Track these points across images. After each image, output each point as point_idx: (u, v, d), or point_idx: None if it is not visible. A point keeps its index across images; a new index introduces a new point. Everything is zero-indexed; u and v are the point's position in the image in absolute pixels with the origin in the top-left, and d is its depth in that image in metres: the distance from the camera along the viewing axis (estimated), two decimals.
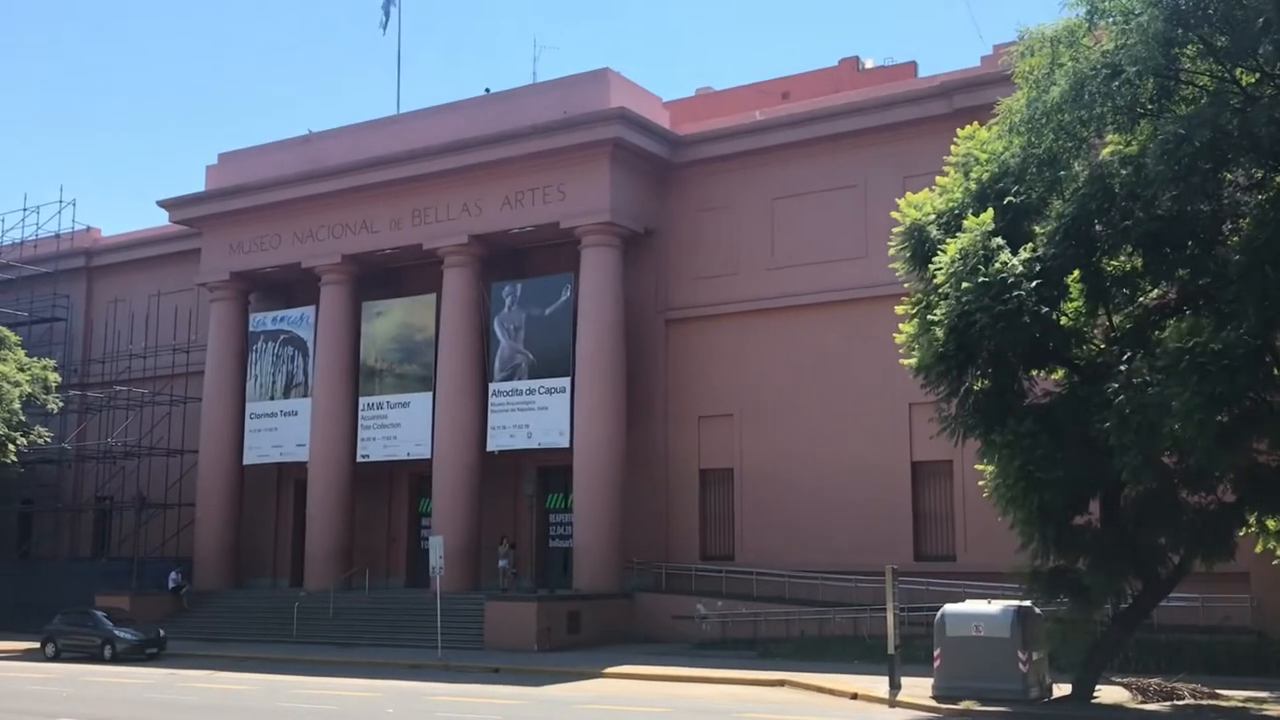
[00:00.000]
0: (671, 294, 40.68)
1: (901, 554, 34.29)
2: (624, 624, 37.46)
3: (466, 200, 41.52)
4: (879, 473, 36.16)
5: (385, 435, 43.39)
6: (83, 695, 26.55)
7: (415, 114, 44.16)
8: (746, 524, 38.44)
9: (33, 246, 54.59)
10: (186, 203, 47.70)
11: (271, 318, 47.04)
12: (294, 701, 25.08)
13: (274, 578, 47.24)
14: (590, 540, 38.11)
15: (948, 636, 23.47)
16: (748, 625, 35.30)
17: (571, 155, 39.45)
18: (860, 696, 24.94)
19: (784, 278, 38.66)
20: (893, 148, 37.08)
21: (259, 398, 46.50)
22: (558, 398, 39.64)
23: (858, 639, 32.53)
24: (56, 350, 52.15)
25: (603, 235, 39.40)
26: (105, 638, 37.28)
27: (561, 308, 40.29)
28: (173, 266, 51.82)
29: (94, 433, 51.52)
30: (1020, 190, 22.39)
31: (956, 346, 21.81)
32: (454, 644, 35.13)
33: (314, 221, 44.81)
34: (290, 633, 39.54)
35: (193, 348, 49.77)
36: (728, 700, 25.00)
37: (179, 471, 48.60)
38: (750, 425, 38.79)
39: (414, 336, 43.54)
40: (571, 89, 40.25)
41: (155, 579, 45.38)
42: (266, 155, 46.43)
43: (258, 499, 47.84)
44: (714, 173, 40.33)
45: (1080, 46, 20.99)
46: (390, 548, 45.35)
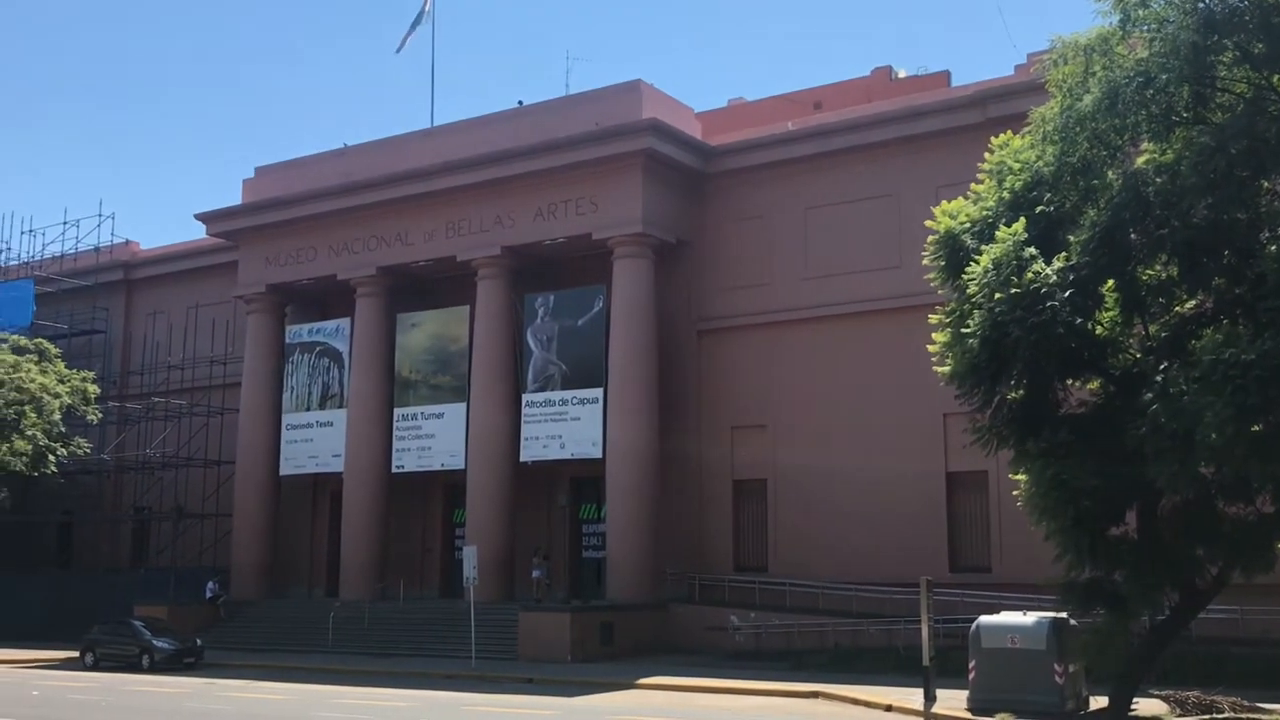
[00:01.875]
0: (704, 304, 40.69)
1: (936, 565, 34.10)
2: (657, 635, 37.44)
3: (499, 212, 41.72)
4: (913, 483, 35.99)
5: (419, 446, 43.60)
6: (121, 705, 26.80)
7: (448, 127, 44.44)
8: (780, 535, 38.35)
9: (73, 260, 55.29)
10: (223, 216, 48.18)
11: (307, 329, 47.40)
12: (330, 711, 25.22)
13: (310, 588, 47.53)
14: (623, 551, 38.13)
15: (983, 648, 23.32)
16: (781, 636, 35.20)
17: (604, 167, 39.58)
18: (895, 708, 24.83)
19: (817, 288, 38.60)
20: (926, 157, 36.98)
21: (295, 409, 46.86)
22: (590, 408, 39.72)
23: (892, 650, 32.37)
24: (96, 362, 52.76)
25: (635, 246, 39.48)
26: (143, 647, 37.61)
27: (594, 319, 40.39)
28: (210, 279, 52.35)
29: (132, 443, 52.04)
30: (1054, 199, 22.25)
31: (990, 357, 21.68)
32: (488, 654, 35.22)
33: (349, 234, 45.16)
34: (326, 642, 39.76)
35: (230, 359, 50.26)
36: (761, 711, 24.93)
37: (216, 482, 49.03)
38: (784, 436, 38.71)
39: (448, 347, 43.76)
40: (604, 101, 40.39)
41: (193, 589, 45.77)
42: (302, 169, 46.86)
43: (294, 510, 48.18)
44: (746, 183, 40.34)
45: (1114, 54, 20.88)
46: (424, 558, 45.55)
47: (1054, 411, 22.65)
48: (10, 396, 42.55)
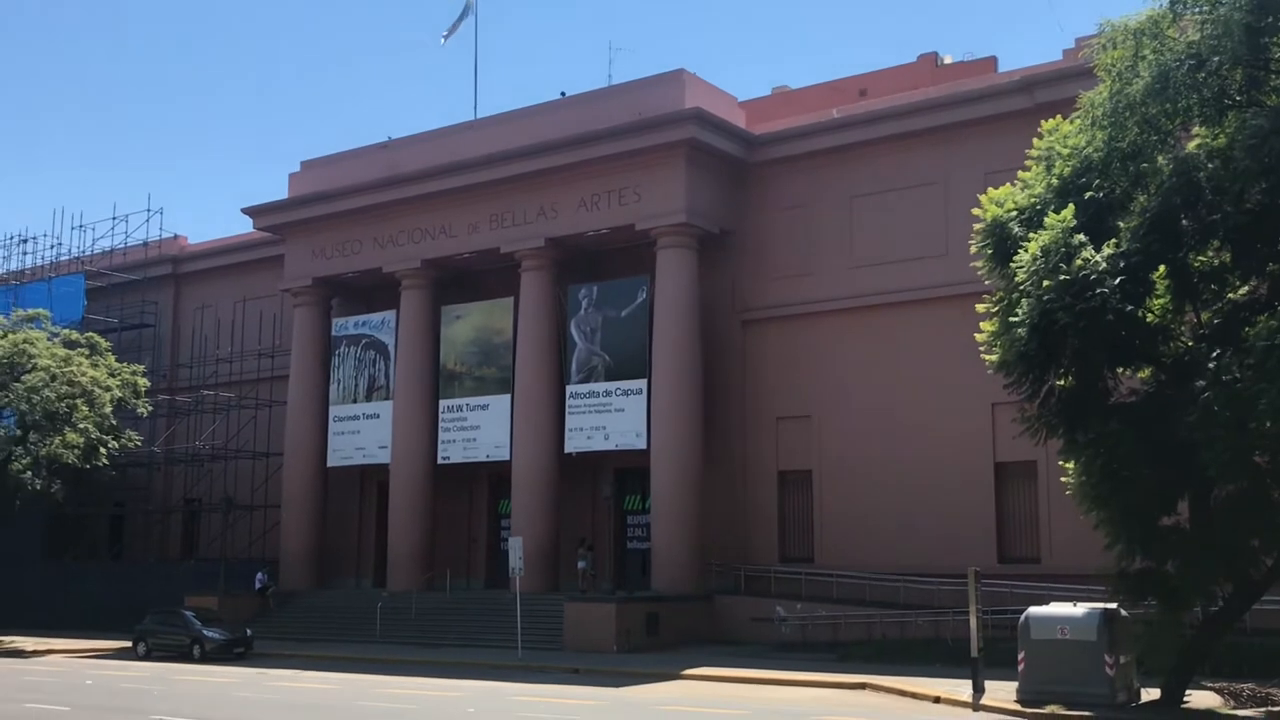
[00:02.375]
0: (748, 295, 40.52)
1: (985, 556, 33.80)
2: (703, 626, 37.39)
3: (543, 204, 41.75)
4: (961, 473, 35.70)
5: (465, 437, 43.78)
6: (173, 694, 27.12)
7: (492, 119, 44.52)
8: (826, 526, 38.17)
9: (122, 255, 55.91)
10: (270, 210, 48.57)
11: (353, 322, 47.71)
12: (377, 701, 25.40)
13: (357, 578, 47.90)
14: (668, 542, 38.09)
15: (1032, 639, 23.08)
16: (827, 628, 35.05)
17: (647, 157, 39.49)
18: (943, 700, 24.64)
19: (863, 277, 38.34)
20: (973, 144, 36.60)
21: (341, 401, 47.20)
22: (634, 399, 39.70)
23: (940, 642, 32.13)
24: (145, 355, 53.34)
25: (678, 236, 39.37)
26: (194, 637, 38.04)
27: (638, 309, 40.34)
28: (257, 273, 52.81)
29: (182, 436, 52.65)
30: (1103, 185, 21.97)
31: (1038, 346, 21.48)
32: (533, 644, 35.33)
33: (394, 227, 45.38)
34: (373, 633, 40.05)
35: (277, 352, 50.69)
36: (808, 703, 24.83)
37: (265, 474, 49.50)
38: (829, 426, 38.50)
39: (492, 339, 43.88)
40: (646, 91, 40.29)
41: (242, 579, 46.24)
42: (347, 162, 47.13)
43: (341, 501, 48.56)
44: (791, 172, 40.11)
45: (1164, 38, 20.57)
46: (470, 549, 45.76)
47: (1104, 400, 22.41)
48: (62, 390, 43.06)
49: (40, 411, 43.15)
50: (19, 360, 43.50)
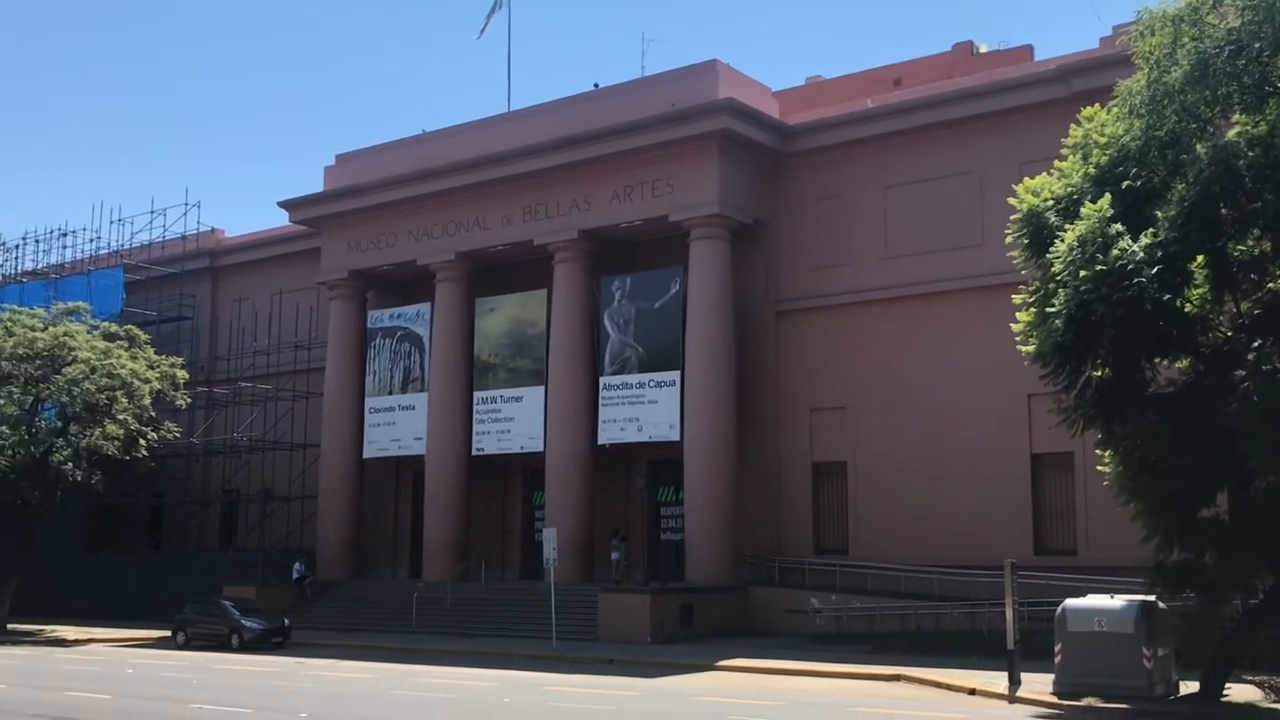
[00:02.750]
0: (782, 285, 40.43)
1: (1021, 548, 33.63)
2: (737, 617, 37.40)
3: (576, 196, 41.80)
4: (997, 465, 35.52)
5: (499, 429, 43.94)
6: (212, 683, 27.40)
7: (525, 111, 44.59)
8: (860, 517, 38.07)
9: (160, 248, 56.39)
10: (306, 203, 48.86)
11: (389, 314, 47.97)
12: (414, 690, 25.56)
13: (393, 569, 48.20)
14: (702, 533, 38.11)
15: (1069, 632, 22.95)
16: (862, 620, 34.97)
17: (680, 148, 39.44)
18: (978, 692, 24.55)
19: (898, 267, 38.18)
20: (1009, 133, 36.36)
21: (377, 393, 47.47)
22: (667, 391, 39.71)
23: (975, 634, 31.99)
24: (184, 348, 53.77)
25: (712, 228, 39.32)
26: (233, 627, 38.38)
27: (671, 301, 40.33)
28: (293, 266, 53.15)
29: (220, 428, 53.09)
30: (1140, 174, 21.78)
31: (1075, 336, 21.35)
32: (568, 635, 35.45)
33: (428, 220, 45.56)
34: (409, 623, 40.29)
35: (313, 344, 51.04)
36: (843, 694, 24.80)
37: (302, 465, 49.87)
38: (864, 418, 38.38)
39: (526, 331, 44.00)
40: (680, 81, 40.24)
41: (280, 570, 46.63)
42: (382, 155, 47.34)
43: (377, 492, 48.87)
44: (825, 162, 39.96)
45: (1204, 24, 20.36)
46: (505, 539, 45.93)
47: (1142, 391, 22.25)
48: (102, 382, 43.49)
49: (81, 403, 43.62)
50: (59, 353, 43.93)
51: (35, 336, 43.99)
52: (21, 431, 44.86)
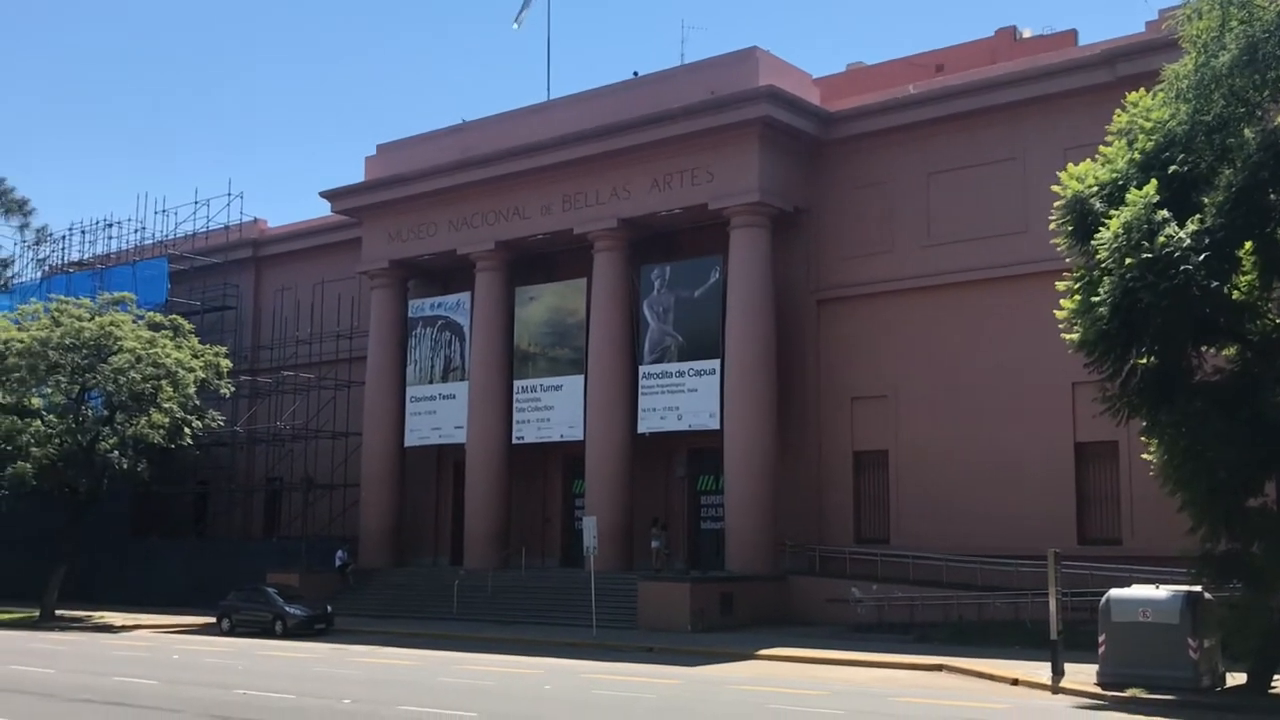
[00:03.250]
0: (823, 273, 40.24)
1: (1064, 537, 33.33)
2: (777, 606, 37.34)
3: (615, 184, 41.76)
4: (1040, 454, 35.23)
5: (539, 417, 44.05)
6: (256, 669, 27.68)
7: (564, 100, 44.59)
8: (902, 506, 37.88)
9: (204, 238, 56.89)
10: (347, 193, 49.12)
11: (429, 304, 48.18)
12: (455, 677, 25.71)
13: (435, 556, 48.48)
14: (742, 522, 38.06)
15: (1113, 622, 22.73)
16: (904, 609, 34.82)
17: (719, 136, 39.31)
18: (1021, 682, 24.39)
19: (940, 255, 37.90)
20: (1053, 119, 35.99)
21: (418, 381, 47.72)
22: (707, 379, 39.65)
23: (1018, 624, 31.79)
24: (227, 337, 54.28)
25: (752, 215, 39.18)
26: (276, 613, 38.73)
27: (710, 289, 40.25)
28: (335, 255, 53.47)
29: (264, 416, 53.56)
30: (1187, 159, 21.49)
31: (1120, 324, 21.13)
32: (608, 623, 35.52)
33: (468, 209, 45.69)
34: (450, 610, 40.52)
35: (355, 334, 51.37)
36: (884, 684, 24.71)
37: (344, 453, 50.23)
38: (906, 406, 38.17)
39: (565, 320, 44.06)
40: (719, 69, 40.09)
41: (322, 557, 47.00)
42: (422, 145, 47.51)
43: (419, 480, 49.15)
44: (866, 149, 39.71)
45: (1253, 7, 20.05)
46: (545, 528, 46.08)
47: (1188, 379, 22.02)
48: (147, 371, 43.96)
49: (126, 392, 44.12)
50: (106, 342, 44.45)
51: (82, 326, 44.53)
52: (69, 420, 45.47)
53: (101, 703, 21.02)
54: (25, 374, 44.59)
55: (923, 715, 19.87)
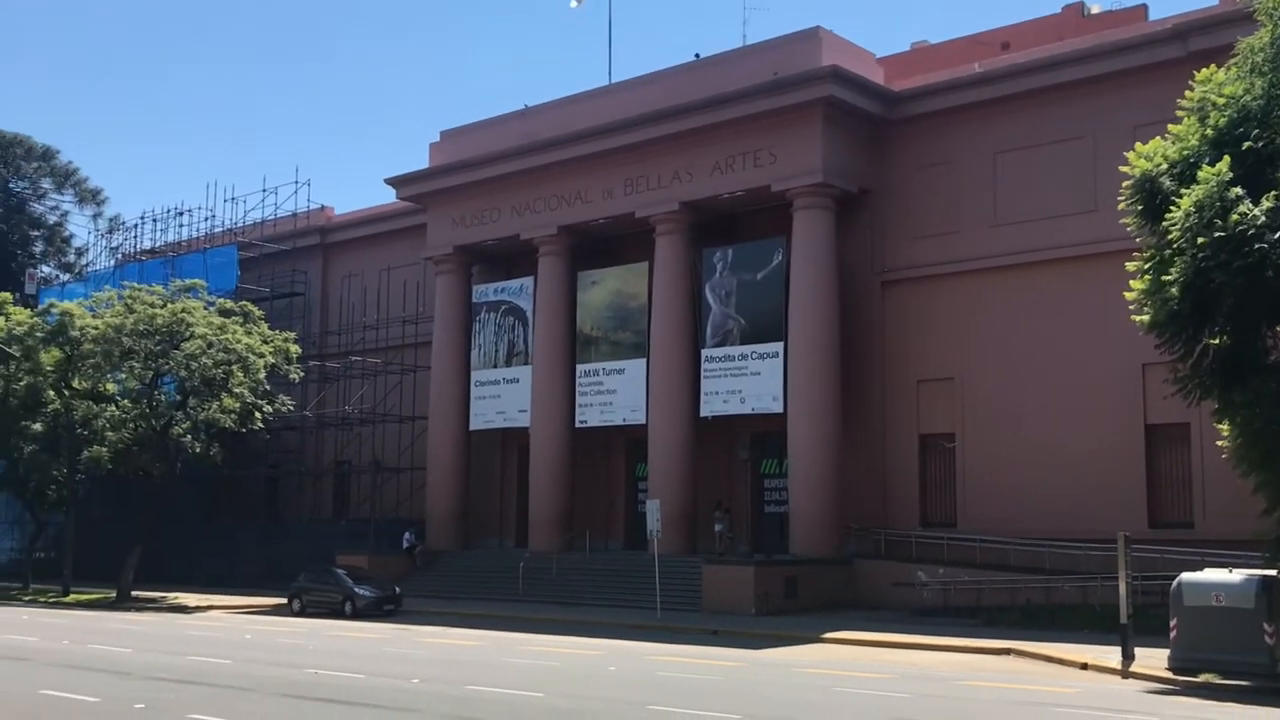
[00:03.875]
0: (888, 255, 39.90)
1: (1134, 520, 32.90)
2: (842, 590, 37.21)
3: (677, 167, 41.69)
4: (1110, 436, 34.74)
5: (602, 401, 44.19)
6: (327, 649, 28.10)
7: (626, 83, 44.55)
8: (969, 490, 37.53)
9: (272, 226, 57.61)
10: (412, 180, 49.50)
11: (493, 289, 48.46)
12: (521, 657, 25.93)
13: (500, 539, 48.87)
14: (806, 506, 37.94)
15: (1185, 606, 22.37)
16: (971, 593, 34.53)
17: (782, 117, 39.08)
18: (1091, 667, 24.13)
19: (1007, 235, 37.43)
20: (1123, 96, 35.34)
21: (482, 366, 48.05)
22: (770, 363, 39.52)
23: (1087, 608, 31.43)
24: (296, 323, 54.96)
25: (815, 197, 38.93)
26: (346, 595, 39.24)
27: (773, 272, 40.08)
28: (400, 241, 53.95)
29: (332, 400, 54.23)
30: (1262, 135, 21.02)
31: (1192, 304, 20.79)
32: (672, 606, 35.60)
33: (531, 194, 45.86)
34: (516, 592, 40.85)
35: (420, 319, 51.84)
36: (951, 668, 24.56)
37: (410, 437, 50.75)
38: (972, 389, 37.80)
39: (627, 304, 44.12)
40: (782, 50, 39.84)
41: (390, 539, 47.57)
42: (485, 131, 47.72)
43: (484, 463, 49.53)
44: (932, 129, 39.28)
45: None
46: (608, 511, 46.25)
47: (1262, 359, 21.62)
48: (219, 357, 44.65)
49: (199, 378, 44.86)
50: (178, 329, 45.18)
51: (155, 313, 45.29)
52: (143, 405, 46.35)
53: (177, 681, 21.47)
54: (100, 360, 45.53)
55: (990, 699, 19.73)
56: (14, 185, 79.84)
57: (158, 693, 19.80)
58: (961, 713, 18.10)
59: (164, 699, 19.02)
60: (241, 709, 17.79)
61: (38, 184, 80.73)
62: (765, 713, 17.68)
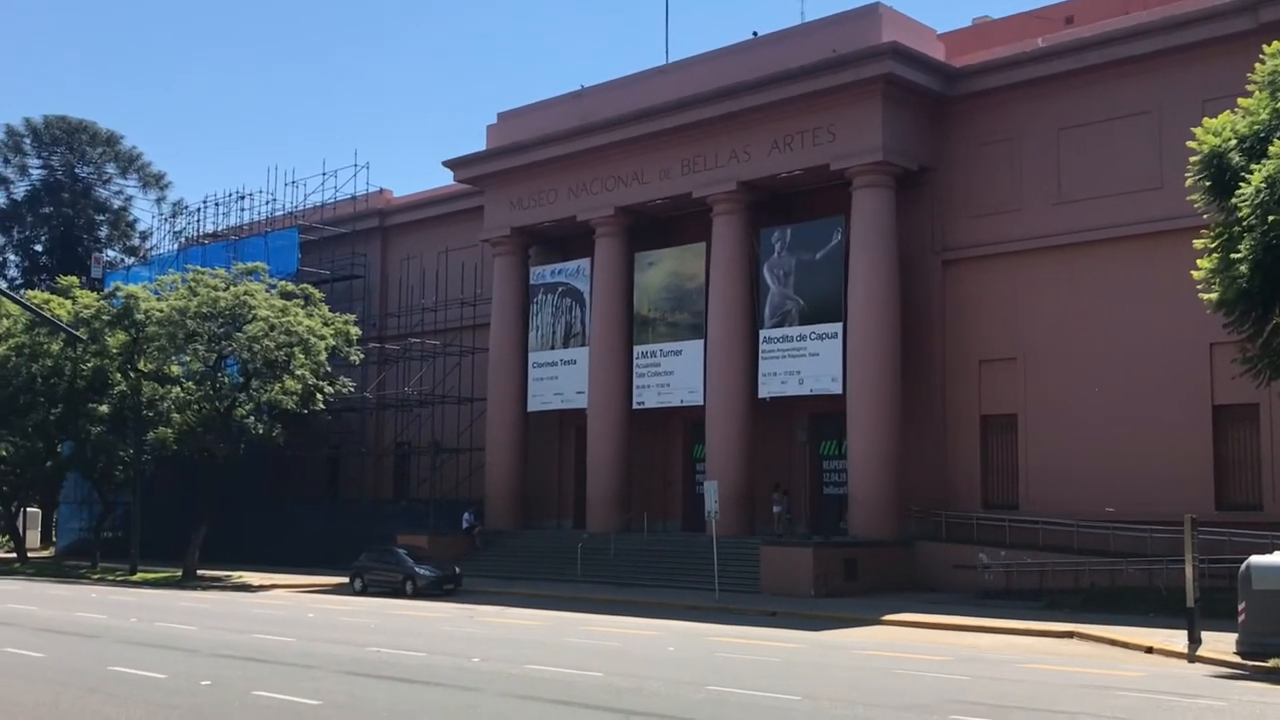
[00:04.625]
0: (949, 233, 39.45)
1: (1201, 502, 32.37)
2: (902, 572, 36.97)
3: (735, 147, 41.45)
4: (1176, 417, 34.15)
5: (659, 383, 44.16)
6: (387, 628, 28.38)
7: (683, 63, 44.32)
8: (1032, 471, 37.09)
9: (332, 209, 58.10)
10: (469, 162, 49.64)
11: (550, 270, 48.55)
12: (579, 637, 26.03)
13: (558, 519, 49.08)
14: (865, 487, 37.71)
15: (1254, 590, 21.94)
16: (1033, 575, 34.16)
17: (841, 95, 38.70)
18: (1156, 650, 23.78)
19: (1071, 212, 36.85)
20: (1190, 70, 34.61)
21: (540, 348, 48.19)
22: (829, 343, 39.25)
23: (1152, 591, 30.98)
24: (356, 305, 55.45)
25: (875, 175, 38.55)
26: (406, 574, 39.62)
27: (832, 251, 39.77)
28: (458, 224, 54.19)
29: (392, 382, 54.68)
30: None
31: (1262, 282, 20.35)
32: (730, 587, 35.58)
33: (588, 175, 45.83)
34: (574, 572, 41.02)
35: (478, 301, 52.08)
36: (1013, 650, 24.32)
37: (469, 418, 51.06)
38: (1035, 369, 37.32)
39: (685, 285, 44.00)
40: (841, 26, 39.44)
41: (450, 519, 47.94)
42: (542, 112, 47.72)
43: (542, 444, 49.74)
44: (993, 105, 38.73)
45: None
46: (666, 492, 46.28)
47: None
48: (280, 339, 45.12)
49: (261, 360, 45.38)
50: (240, 311, 45.71)
51: (218, 296, 45.86)
52: (206, 387, 46.99)
53: (242, 659, 21.78)
54: (165, 342, 46.22)
55: (1053, 682, 19.51)
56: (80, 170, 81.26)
57: (224, 670, 20.10)
58: (1022, 695, 17.90)
59: (230, 676, 19.31)
60: (306, 686, 18.01)
61: (103, 169, 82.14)
62: (824, 693, 17.60)
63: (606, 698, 17.11)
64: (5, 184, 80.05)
